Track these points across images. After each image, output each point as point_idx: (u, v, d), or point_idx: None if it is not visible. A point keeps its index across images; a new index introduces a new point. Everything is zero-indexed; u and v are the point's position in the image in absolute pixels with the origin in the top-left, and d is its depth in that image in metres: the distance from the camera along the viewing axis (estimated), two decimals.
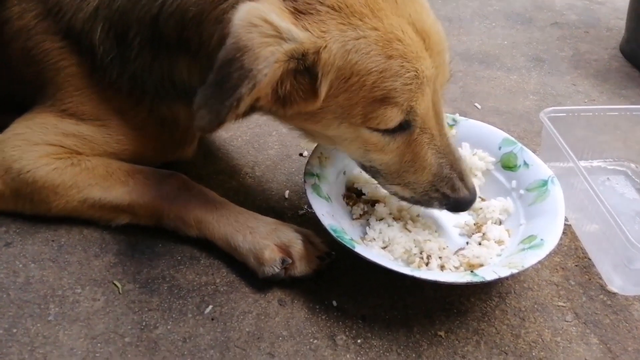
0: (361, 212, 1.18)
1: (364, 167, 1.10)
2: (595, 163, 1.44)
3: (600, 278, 1.15)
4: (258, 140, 1.46)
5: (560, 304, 1.09)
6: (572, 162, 1.22)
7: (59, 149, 1.14)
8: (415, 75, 0.92)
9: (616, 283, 1.12)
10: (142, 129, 1.17)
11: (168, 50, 1.04)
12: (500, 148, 1.25)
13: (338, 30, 0.88)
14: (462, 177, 1.03)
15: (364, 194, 1.21)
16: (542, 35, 2.16)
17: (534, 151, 1.27)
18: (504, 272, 0.95)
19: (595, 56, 2.02)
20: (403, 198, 1.08)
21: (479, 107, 1.68)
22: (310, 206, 1.09)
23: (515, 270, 0.95)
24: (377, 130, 0.97)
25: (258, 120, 1.48)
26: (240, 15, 0.84)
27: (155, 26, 1.02)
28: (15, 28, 1.11)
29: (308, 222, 1.19)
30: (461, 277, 0.95)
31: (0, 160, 1.12)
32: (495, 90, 1.78)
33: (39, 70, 1.12)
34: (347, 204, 1.20)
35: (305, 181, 1.12)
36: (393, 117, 0.94)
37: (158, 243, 1.15)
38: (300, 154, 1.43)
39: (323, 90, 0.91)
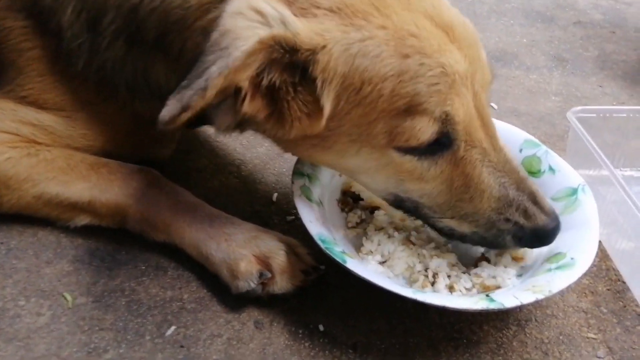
0: (358, 220, 1.02)
1: (398, 202, 0.90)
2: (627, 172, 1.27)
3: (637, 305, 0.97)
4: (247, 137, 1.30)
5: (591, 335, 0.92)
6: (604, 168, 1.05)
7: (15, 137, 1.01)
8: (442, 72, 0.77)
9: None
10: (112, 125, 1.03)
11: (144, 48, 0.90)
12: (521, 150, 1.08)
13: (339, 32, 0.75)
14: (535, 200, 0.84)
15: (362, 199, 1.05)
16: (565, 35, 1.99)
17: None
18: (528, 298, 0.78)
19: (623, 57, 1.85)
20: (463, 237, 0.88)
21: (496, 107, 1.52)
22: None
23: (540, 296, 0.78)
24: (410, 151, 0.81)
25: None
26: (228, 9, 0.75)
27: (134, 18, 0.88)
28: None
29: (297, 230, 1.03)
30: (475, 302, 0.78)
31: None
32: (514, 89, 1.62)
33: None
34: (342, 210, 1.04)
35: (293, 182, 0.96)
36: (424, 128, 0.78)
37: (122, 250, 1.00)
38: None
39: (326, 102, 0.77)
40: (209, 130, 1.30)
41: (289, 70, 0.76)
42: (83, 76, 0.97)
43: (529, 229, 0.84)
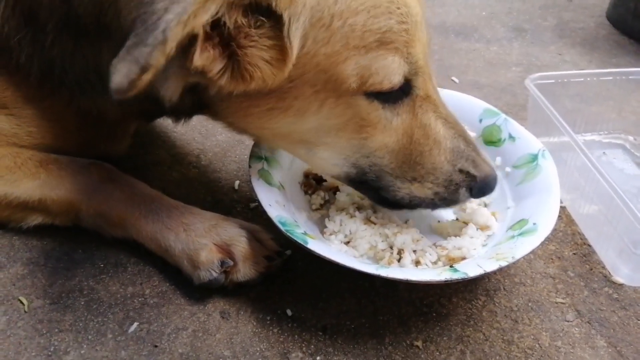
0: (322, 202, 1.00)
1: (359, 175, 0.85)
2: (588, 136, 1.28)
3: (604, 267, 0.98)
4: (206, 125, 1.27)
5: (559, 300, 0.92)
6: (565, 134, 1.05)
7: None
8: (408, 12, 0.75)
9: (622, 272, 0.95)
10: (59, 122, 0.97)
11: (90, 38, 0.83)
12: (481, 120, 1.07)
13: None
14: (476, 150, 0.86)
15: (325, 180, 1.02)
16: (523, 5, 2.00)
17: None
18: (491, 266, 0.77)
19: (580, 25, 1.86)
20: (424, 202, 0.86)
21: (457, 81, 1.51)
22: None
23: (504, 263, 0.78)
24: (378, 97, 0.77)
25: None
26: None
27: (70, 7, 0.81)
28: None
29: (261, 217, 0.99)
30: (438, 274, 0.77)
31: None
32: (474, 62, 1.61)
33: None
34: (306, 192, 1.02)
35: (250, 166, 0.94)
36: (397, 69, 0.75)
37: (78, 249, 0.96)
38: None
39: (295, 41, 0.70)
40: (165, 121, 1.27)
41: (250, 11, 0.68)
42: (24, 72, 0.92)
43: (479, 177, 0.84)
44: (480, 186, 0.86)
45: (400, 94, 0.80)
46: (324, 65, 0.73)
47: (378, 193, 0.87)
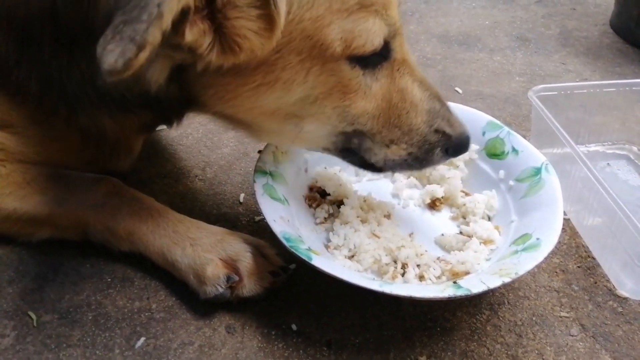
0: (326, 215, 1.01)
1: (346, 143, 0.88)
2: (592, 147, 1.28)
3: (608, 281, 0.98)
4: (211, 138, 1.29)
5: (563, 314, 0.92)
6: (567, 146, 1.05)
7: None
8: None
9: (627, 286, 0.96)
10: (63, 141, 0.98)
11: (80, 46, 0.83)
12: (484, 133, 1.08)
13: None
14: (450, 111, 0.89)
15: (329, 194, 1.03)
16: (526, 14, 2.00)
17: (524, 137, 1.10)
18: (494, 282, 0.78)
19: (584, 33, 1.87)
20: (401, 164, 0.89)
21: (460, 91, 1.52)
22: None
23: (507, 279, 0.78)
24: (360, 62, 0.79)
25: None
26: None
27: (57, 19, 0.81)
28: None
29: (265, 231, 1.01)
30: (441, 290, 0.78)
31: None
32: (478, 72, 1.62)
33: None
34: (310, 206, 1.03)
35: (255, 181, 0.95)
36: (378, 31, 0.77)
37: (86, 263, 0.97)
38: (260, 152, 1.25)
39: (281, 7, 0.70)
40: (171, 133, 1.28)
41: None
42: (24, 91, 0.91)
43: (454, 136, 0.87)
44: (456, 144, 0.88)
45: (379, 59, 0.82)
46: (309, 31, 0.75)
47: (362, 158, 0.90)
